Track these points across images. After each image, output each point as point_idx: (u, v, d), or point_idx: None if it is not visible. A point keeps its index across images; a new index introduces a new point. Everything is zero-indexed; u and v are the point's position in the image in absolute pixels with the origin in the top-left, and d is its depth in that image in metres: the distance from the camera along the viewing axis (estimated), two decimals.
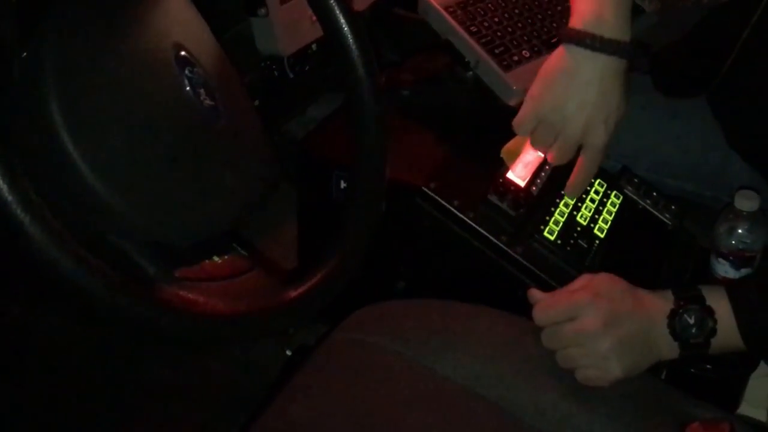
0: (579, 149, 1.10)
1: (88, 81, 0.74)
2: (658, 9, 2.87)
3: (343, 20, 0.92)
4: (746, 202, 1.17)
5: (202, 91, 0.82)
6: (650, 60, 1.52)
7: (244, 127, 0.87)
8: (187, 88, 0.81)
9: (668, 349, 0.99)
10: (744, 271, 1.18)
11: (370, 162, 0.92)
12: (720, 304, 0.98)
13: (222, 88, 0.84)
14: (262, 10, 1.10)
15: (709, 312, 0.97)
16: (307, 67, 1.23)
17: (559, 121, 1.07)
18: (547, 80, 1.08)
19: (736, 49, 1.30)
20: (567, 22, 1.07)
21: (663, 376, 1.10)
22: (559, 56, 1.07)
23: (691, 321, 0.97)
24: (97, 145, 0.73)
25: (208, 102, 0.82)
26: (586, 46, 1.04)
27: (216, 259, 0.81)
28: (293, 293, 0.80)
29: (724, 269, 1.19)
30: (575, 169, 1.12)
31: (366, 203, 0.91)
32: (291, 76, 1.21)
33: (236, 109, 0.86)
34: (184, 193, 0.78)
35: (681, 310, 0.98)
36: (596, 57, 1.04)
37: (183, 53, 0.82)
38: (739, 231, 1.17)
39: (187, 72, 0.82)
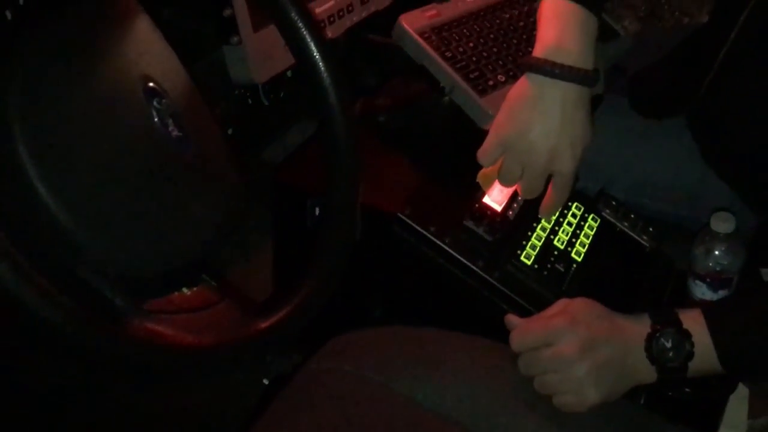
0: (549, 180, 1.10)
1: (54, 113, 0.73)
2: (638, 30, 2.90)
3: (314, 47, 0.92)
4: (722, 224, 1.17)
5: (170, 122, 0.81)
6: (627, 82, 1.53)
7: (214, 158, 0.86)
8: (156, 119, 0.80)
9: (646, 373, 0.99)
10: (721, 293, 1.18)
11: (343, 190, 0.92)
12: (697, 326, 0.98)
13: (191, 119, 0.84)
14: (235, 38, 1.09)
15: (686, 335, 0.98)
16: (282, 94, 1.23)
17: (525, 149, 1.07)
18: (511, 109, 1.08)
19: (714, 68, 1.31)
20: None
21: (642, 401, 1.09)
22: (522, 85, 1.08)
23: (668, 344, 0.98)
24: (64, 177, 0.72)
25: (176, 133, 0.81)
26: (546, 74, 1.05)
27: (185, 290, 0.80)
28: (263, 324, 0.79)
29: (702, 291, 1.19)
30: (546, 196, 1.12)
31: (338, 231, 0.91)
32: (266, 103, 1.21)
33: (205, 140, 0.85)
34: (151, 224, 0.77)
35: (658, 334, 0.98)
36: (557, 84, 1.05)
37: (151, 84, 0.82)
38: (716, 253, 1.17)
39: (155, 103, 0.81)
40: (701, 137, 1.40)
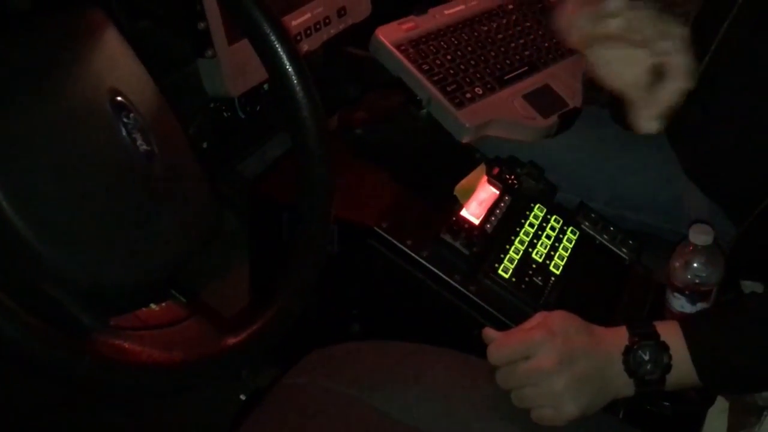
0: None
1: (17, 126, 0.73)
2: None
3: (286, 60, 0.91)
4: (700, 237, 1.16)
5: (138, 136, 0.80)
6: (608, 94, 1.52)
7: (183, 172, 0.85)
8: (123, 134, 0.80)
9: (624, 386, 0.98)
10: (700, 306, 1.18)
11: (315, 204, 0.91)
12: (675, 339, 0.98)
13: (159, 134, 0.83)
14: (209, 52, 1.09)
15: (664, 347, 0.97)
16: (258, 107, 1.22)
17: None
18: None
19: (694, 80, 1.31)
20: (518, 59, 1.08)
21: (621, 415, 1.09)
22: None
23: (646, 357, 0.97)
24: (28, 192, 0.72)
25: (144, 147, 0.80)
26: None
27: (153, 306, 0.79)
28: (232, 340, 0.78)
29: (680, 304, 1.18)
30: None
31: (309, 246, 0.90)
32: (242, 116, 1.20)
33: (174, 154, 0.85)
34: (118, 239, 0.76)
35: (636, 347, 0.98)
36: None
37: (119, 98, 0.81)
38: (695, 265, 1.17)
39: (123, 117, 0.80)
40: (680, 148, 1.40)
